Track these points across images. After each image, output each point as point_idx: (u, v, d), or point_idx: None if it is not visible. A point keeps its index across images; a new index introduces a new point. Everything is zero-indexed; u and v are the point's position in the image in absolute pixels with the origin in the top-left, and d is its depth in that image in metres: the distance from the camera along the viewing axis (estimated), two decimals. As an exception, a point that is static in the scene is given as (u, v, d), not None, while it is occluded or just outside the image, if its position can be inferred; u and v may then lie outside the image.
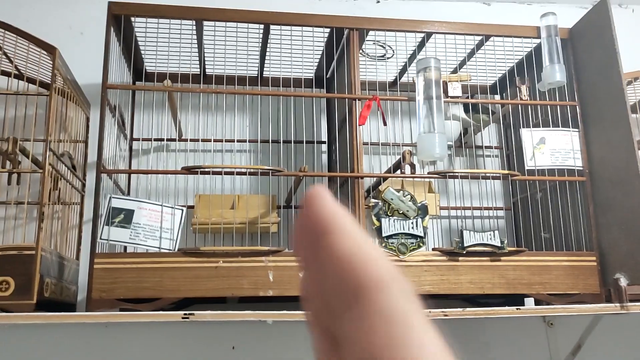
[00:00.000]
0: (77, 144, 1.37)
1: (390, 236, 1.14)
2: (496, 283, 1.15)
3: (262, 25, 1.26)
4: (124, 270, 1.04)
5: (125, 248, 1.20)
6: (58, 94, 1.17)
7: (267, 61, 1.43)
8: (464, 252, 1.15)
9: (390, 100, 1.35)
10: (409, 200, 1.16)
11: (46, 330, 1.31)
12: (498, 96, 1.64)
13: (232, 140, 1.51)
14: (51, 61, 1.12)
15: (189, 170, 1.15)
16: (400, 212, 1.16)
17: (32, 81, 1.30)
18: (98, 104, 1.14)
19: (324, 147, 1.58)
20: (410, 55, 1.41)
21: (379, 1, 1.76)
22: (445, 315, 1.07)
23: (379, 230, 1.14)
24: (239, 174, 1.22)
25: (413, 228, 1.15)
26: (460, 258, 1.15)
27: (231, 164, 1.47)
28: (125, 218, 1.07)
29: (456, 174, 1.24)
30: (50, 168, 1.07)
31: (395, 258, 1.13)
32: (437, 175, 1.24)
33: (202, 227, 1.27)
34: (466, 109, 1.42)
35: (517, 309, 1.10)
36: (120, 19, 1.19)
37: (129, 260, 1.05)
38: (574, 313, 1.13)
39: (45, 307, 1.00)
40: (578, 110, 1.29)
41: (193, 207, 1.34)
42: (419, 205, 1.17)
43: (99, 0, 1.57)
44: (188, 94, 1.44)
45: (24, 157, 1.16)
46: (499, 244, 1.16)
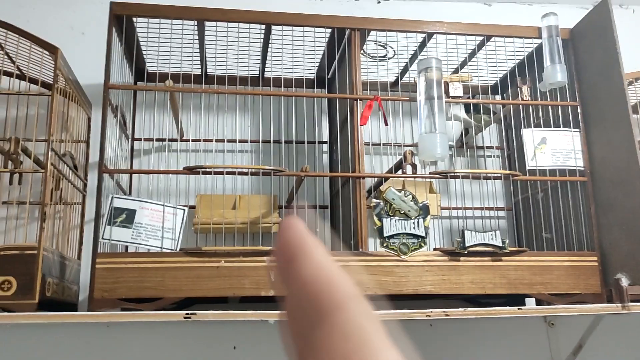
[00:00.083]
0: (79, 144, 1.37)
1: (391, 236, 1.14)
2: (497, 283, 1.15)
3: (264, 26, 1.26)
4: (125, 270, 1.04)
5: (127, 248, 1.20)
6: (60, 94, 1.18)
7: (269, 61, 1.43)
8: (466, 252, 1.15)
9: (392, 101, 1.35)
10: (411, 200, 1.16)
11: (48, 329, 1.31)
12: (499, 96, 1.65)
13: (234, 141, 1.51)
14: (53, 61, 1.12)
15: (191, 170, 1.15)
16: (402, 212, 1.16)
17: (34, 81, 1.30)
18: (99, 104, 1.14)
19: (325, 148, 1.58)
20: (412, 55, 1.41)
21: (379, 1, 1.77)
22: (447, 315, 1.07)
23: (380, 231, 1.14)
24: (240, 174, 1.22)
25: (414, 228, 1.15)
26: (462, 258, 1.15)
27: (232, 164, 1.47)
28: (127, 218, 1.07)
29: (457, 174, 1.24)
30: (52, 168, 1.08)
31: (397, 258, 1.13)
32: (439, 175, 1.24)
33: (204, 227, 1.27)
34: (467, 109, 1.42)
35: (519, 309, 1.10)
36: (122, 19, 1.19)
37: (131, 260, 1.05)
38: (575, 313, 1.13)
39: (47, 307, 1.00)
40: (579, 110, 1.30)
41: (194, 207, 1.35)
42: (421, 205, 1.17)
43: (100, 1, 1.58)
44: (189, 94, 1.44)
45: (26, 157, 1.16)
46: (500, 244, 1.16)
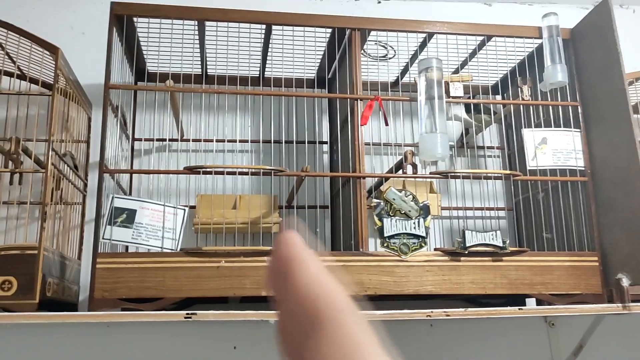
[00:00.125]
0: (79, 144, 1.37)
1: (392, 236, 1.14)
2: (498, 283, 1.15)
3: (264, 26, 1.26)
4: (126, 270, 1.04)
5: (127, 248, 1.20)
6: (60, 94, 1.18)
7: (269, 61, 1.43)
8: (466, 252, 1.15)
9: (392, 101, 1.35)
10: (411, 201, 1.16)
11: (48, 329, 1.31)
12: (499, 96, 1.65)
13: (234, 141, 1.51)
14: (53, 61, 1.12)
15: (191, 170, 1.15)
16: (402, 212, 1.16)
17: (35, 81, 1.30)
18: (100, 104, 1.14)
19: (325, 147, 1.58)
20: (412, 55, 1.41)
21: (380, 1, 1.76)
22: (448, 315, 1.07)
23: (381, 231, 1.14)
24: (241, 174, 1.22)
25: (415, 228, 1.15)
26: (462, 258, 1.15)
27: (233, 164, 1.47)
28: (128, 218, 1.07)
29: (458, 174, 1.24)
30: (52, 168, 1.08)
31: (397, 258, 1.13)
32: (439, 175, 1.24)
33: (204, 227, 1.27)
34: (467, 109, 1.42)
35: (519, 309, 1.10)
36: (123, 19, 1.19)
37: (131, 260, 1.05)
38: (575, 313, 1.13)
39: (47, 307, 1.00)
40: (580, 110, 1.29)
41: (194, 207, 1.34)
42: (421, 205, 1.17)
43: (100, 1, 1.57)
44: (190, 94, 1.44)
45: (26, 157, 1.16)
46: (501, 244, 1.16)
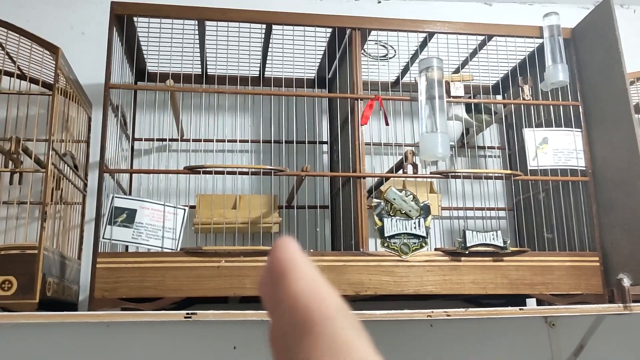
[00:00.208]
0: (79, 143, 1.37)
1: (392, 236, 1.14)
2: (499, 283, 1.15)
3: (264, 25, 1.26)
4: (126, 270, 1.04)
5: (127, 247, 1.20)
6: (60, 93, 1.17)
7: (269, 61, 1.43)
8: (467, 252, 1.15)
9: (392, 100, 1.35)
10: (412, 200, 1.16)
11: (48, 329, 1.31)
12: (500, 96, 1.64)
13: (234, 140, 1.51)
14: (54, 61, 1.12)
15: (191, 170, 1.15)
16: (403, 212, 1.15)
17: (35, 81, 1.30)
18: (100, 103, 1.14)
19: (326, 147, 1.58)
20: (412, 55, 1.41)
21: (380, 1, 1.76)
22: (448, 315, 1.07)
23: (381, 230, 1.14)
24: (241, 173, 1.22)
25: (415, 228, 1.15)
26: (463, 258, 1.15)
27: (233, 164, 1.47)
28: (128, 218, 1.07)
29: (458, 174, 1.24)
30: (52, 168, 1.07)
31: (398, 258, 1.13)
32: (439, 175, 1.24)
33: (204, 227, 1.27)
34: (468, 109, 1.41)
35: (520, 310, 1.09)
36: (123, 19, 1.19)
37: (132, 260, 1.05)
38: (576, 313, 1.13)
39: (47, 307, 1.00)
40: (581, 110, 1.29)
41: (194, 207, 1.34)
42: (422, 205, 1.17)
43: (100, 1, 1.57)
44: (190, 94, 1.44)
45: (27, 157, 1.16)
46: (502, 244, 1.16)
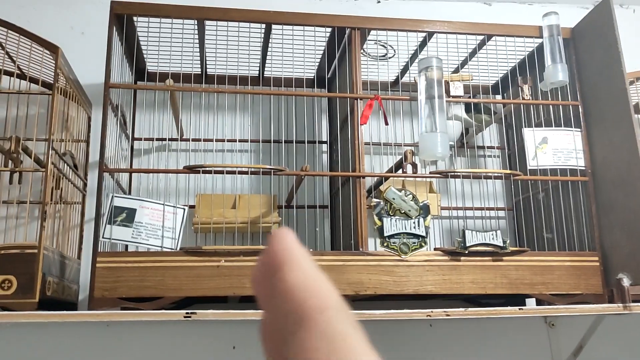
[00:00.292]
0: (79, 143, 1.37)
1: (392, 236, 1.14)
2: (498, 283, 1.15)
3: (264, 25, 1.26)
4: (126, 269, 1.04)
5: (127, 247, 1.20)
6: (60, 93, 1.17)
7: (269, 61, 1.43)
8: (466, 252, 1.15)
9: (392, 100, 1.35)
10: (411, 200, 1.16)
11: (48, 329, 1.31)
12: (500, 96, 1.64)
13: (234, 140, 1.51)
14: (54, 60, 1.12)
15: (191, 169, 1.15)
16: (402, 212, 1.16)
17: (35, 81, 1.30)
18: (99, 103, 1.14)
19: (325, 147, 1.58)
20: (412, 54, 1.41)
21: (379, 1, 1.76)
22: (447, 315, 1.07)
23: (380, 230, 1.14)
24: (240, 173, 1.22)
25: (415, 228, 1.15)
26: (462, 258, 1.15)
27: (232, 163, 1.47)
28: (128, 217, 1.07)
29: (458, 173, 1.24)
30: (52, 167, 1.07)
31: (397, 258, 1.13)
32: (439, 175, 1.24)
33: (204, 227, 1.27)
34: (467, 109, 1.42)
35: (519, 309, 1.09)
36: (123, 19, 1.19)
37: (131, 259, 1.05)
38: (576, 313, 1.13)
39: (47, 306, 1.00)
40: (580, 110, 1.29)
41: (194, 207, 1.34)
42: (421, 205, 1.17)
43: (99, 1, 1.57)
44: (190, 94, 1.44)
45: (26, 156, 1.16)
46: (501, 244, 1.16)
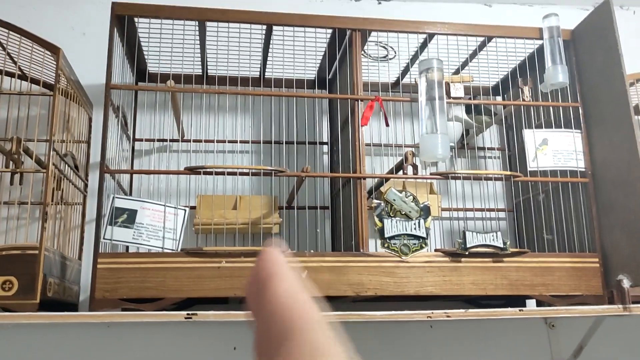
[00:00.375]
0: (80, 144, 1.37)
1: (392, 237, 1.14)
2: (499, 284, 1.15)
3: (265, 26, 1.26)
4: (127, 270, 1.04)
5: (128, 248, 1.20)
6: (61, 94, 1.18)
7: (269, 62, 1.43)
8: (467, 253, 1.15)
9: (392, 101, 1.35)
10: (412, 201, 1.16)
11: (49, 329, 1.31)
12: (500, 97, 1.65)
13: (235, 141, 1.51)
14: (55, 61, 1.12)
15: (192, 170, 1.15)
16: (403, 213, 1.16)
17: (36, 82, 1.30)
18: (100, 104, 1.15)
19: (326, 148, 1.58)
20: (412, 56, 1.41)
21: (380, 2, 1.77)
22: (448, 316, 1.07)
23: (381, 231, 1.14)
24: (241, 174, 1.22)
25: (415, 229, 1.15)
26: (463, 259, 1.15)
27: (233, 164, 1.47)
28: (128, 218, 1.07)
29: (458, 175, 1.24)
30: (53, 168, 1.08)
31: (398, 259, 1.13)
32: (439, 176, 1.24)
33: (205, 228, 1.27)
34: (468, 110, 1.42)
35: (520, 311, 1.10)
36: (124, 20, 1.19)
37: (132, 260, 1.05)
38: (576, 315, 1.13)
39: (48, 307, 1.00)
40: (580, 111, 1.29)
41: (195, 208, 1.34)
42: (422, 206, 1.17)
43: (100, 2, 1.58)
44: (190, 95, 1.44)
45: (27, 157, 1.16)
46: (502, 245, 1.16)
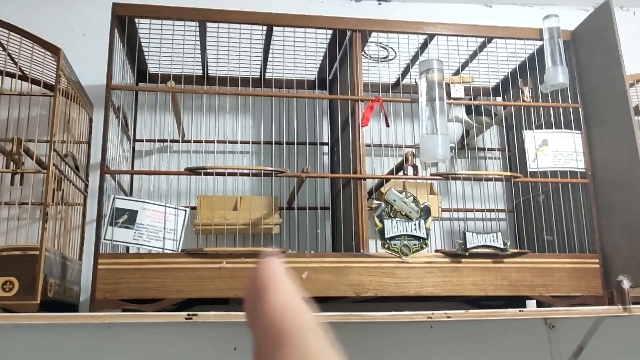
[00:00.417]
0: (81, 144, 1.37)
1: (393, 237, 1.14)
2: (499, 285, 1.15)
3: (265, 27, 1.26)
4: (127, 271, 1.04)
5: (128, 248, 1.20)
6: (62, 95, 1.18)
7: (270, 63, 1.43)
8: (467, 254, 1.15)
9: (393, 102, 1.35)
10: (412, 202, 1.16)
11: (49, 330, 1.31)
12: (500, 98, 1.65)
13: (235, 142, 1.51)
14: (55, 62, 1.12)
15: (192, 171, 1.15)
16: (403, 214, 1.16)
17: (36, 82, 1.30)
18: (101, 105, 1.15)
19: (326, 149, 1.58)
20: (413, 56, 1.41)
21: (380, 3, 1.77)
22: (448, 317, 1.07)
23: (381, 232, 1.14)
24: (241, 175, 1.22)
25: (416, 229, 1.15)
26: (463, 260, 1.15)
27: (234, 165, 1.47)
28: (129, 219, 1.07)
29: (458, 175, 1.24)
30: (53, 169, 1.08)
31: (398, 259, 1.13)
32: (440, 176, 1.24)
33: (205, 228, 1.27)
34: (468, 111, 1.42)
35: (520, 311, 1.10)
36: (124, 20, 1.19)
37: (133, 261, 1.05)
38: (576, 315, 1.13)
39: (48, 308, 1.00)
40: (580, 112, 1.30)
41: (195, 208, 1.34)
42: (422, 206, 1.17)
43: (100, 2, 1.58)
44: (191, 95, 1.44)
45: (28, 158, 1.16)
46: (502, 246, 1.16)
